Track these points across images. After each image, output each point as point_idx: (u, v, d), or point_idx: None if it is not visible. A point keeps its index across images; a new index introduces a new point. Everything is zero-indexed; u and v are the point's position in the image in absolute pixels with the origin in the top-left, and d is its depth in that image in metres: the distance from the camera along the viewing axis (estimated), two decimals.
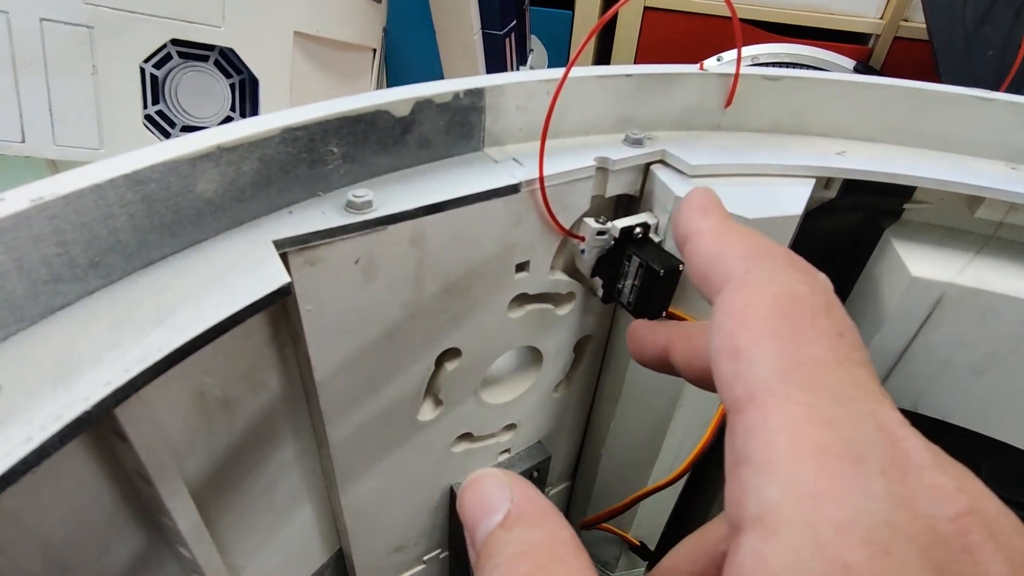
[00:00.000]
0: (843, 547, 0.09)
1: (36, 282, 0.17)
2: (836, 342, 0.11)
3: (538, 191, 0.26)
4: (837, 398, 0.10)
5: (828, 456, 0.10)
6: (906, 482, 0.09)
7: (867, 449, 0.10)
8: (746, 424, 0.11)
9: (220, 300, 0.18)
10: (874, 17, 1.09)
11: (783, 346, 0.11)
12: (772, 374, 0.11)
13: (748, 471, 0.10)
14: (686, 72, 0.31)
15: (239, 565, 0.28)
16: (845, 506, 0.09)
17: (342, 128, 0.23)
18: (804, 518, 0.09)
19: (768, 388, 0.11)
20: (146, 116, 0.61)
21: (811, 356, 0.11)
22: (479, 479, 0.13)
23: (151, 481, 0.20)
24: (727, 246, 0.13)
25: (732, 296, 0.12)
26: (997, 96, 0.31)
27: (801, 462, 0.10)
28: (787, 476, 0.10)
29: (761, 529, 0.10)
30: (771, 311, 0.11)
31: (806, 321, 0.11)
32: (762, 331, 0.11)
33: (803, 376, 0.11)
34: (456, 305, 0.27)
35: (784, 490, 0.10)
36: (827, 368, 0.11)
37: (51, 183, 0.17)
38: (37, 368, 0.16)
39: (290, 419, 0.27)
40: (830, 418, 0.10)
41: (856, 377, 0.11)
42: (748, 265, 0.13)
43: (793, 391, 0.10)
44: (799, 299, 0.12)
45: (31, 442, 0.14)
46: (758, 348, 0.11)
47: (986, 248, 0.32)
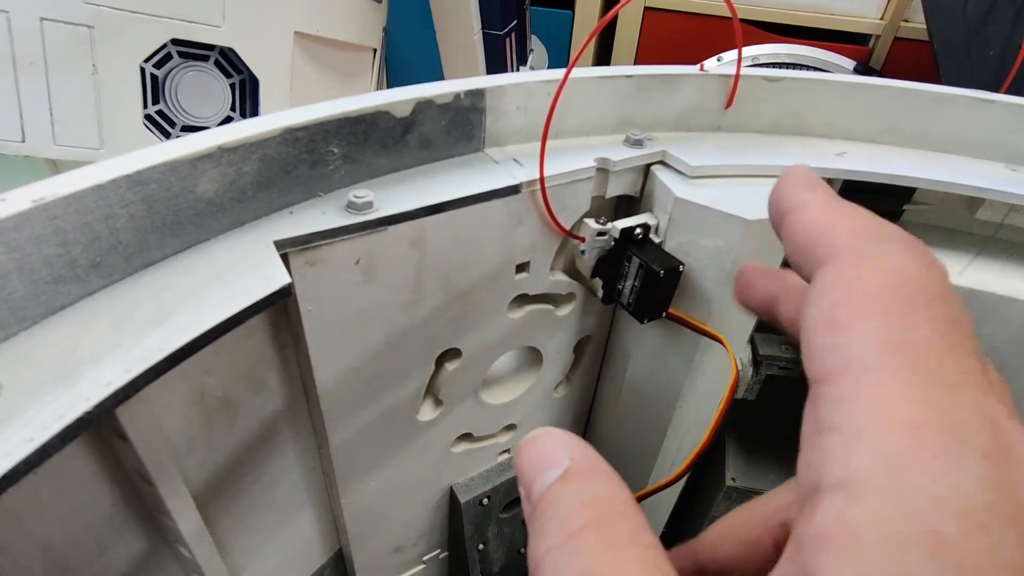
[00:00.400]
0: (937, 518, 0.08)
1: (37, 282, 0.17)
2: (950, 328, 0.11)
3: (538, 192, 0.26)
4: (943, 381, 0.10)
5: (927, 432, 0.09)
6: (1008, 468, 0.09)
7: (969, 432, 0.09)
8: (836, 394, 0.10)
9: (221, 300, 0.18)
10: (874, 18, 1.09)
11: (891, 323, 0.10)
12: (874, 350, 0.10)
13: (833, 438, 0.10)
14: (686, 73, 0.31)
15: (239, 565, 0.28)
16: (941, 481, 0.09)
17: (343, 128, 0.23)
18: (895, 485, 0.09)
19: (867, 362, 0.10)
20: (146, 116, 0.61)
21: (921, 337, 0.10)
22: (538, 436, 0.13)
23: (151, 481, 0.20)
24: (838, 220, 0.13)
25: (840, 269, 0.12)
26: (997, 97, 0.31)
27: (896, 434, 0.09)
28: (879, 445, 0.09)
29: (846, 492, 0.09)
30: (883, 287, 0.11)
31: (920, 303, 0.11)
32: (869, 306, 0.11)
33: (909, 356, 0.10)
34: (456, 306, 0.27)
35: (875, 458, 0.09)
36: (936, 352, 0.10)
37: (52, 183, 0.17)
38: (38, 368, 0.16)
39: (290, 419, 0.27)
40: (933, 398, 0.10)
41: (966, 365, 0.10)
42: (861, 241, 0.12)
43: (896, 368, 0.10)
44: (915, 280, 0.11)
45: (32, 442, 0.14)
46: (862, 322, 0.11)
47: (986, 249, 0.32)
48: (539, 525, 0.12)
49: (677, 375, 0.32)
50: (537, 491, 0.12)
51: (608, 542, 0.11)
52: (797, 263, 0.13)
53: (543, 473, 0.12)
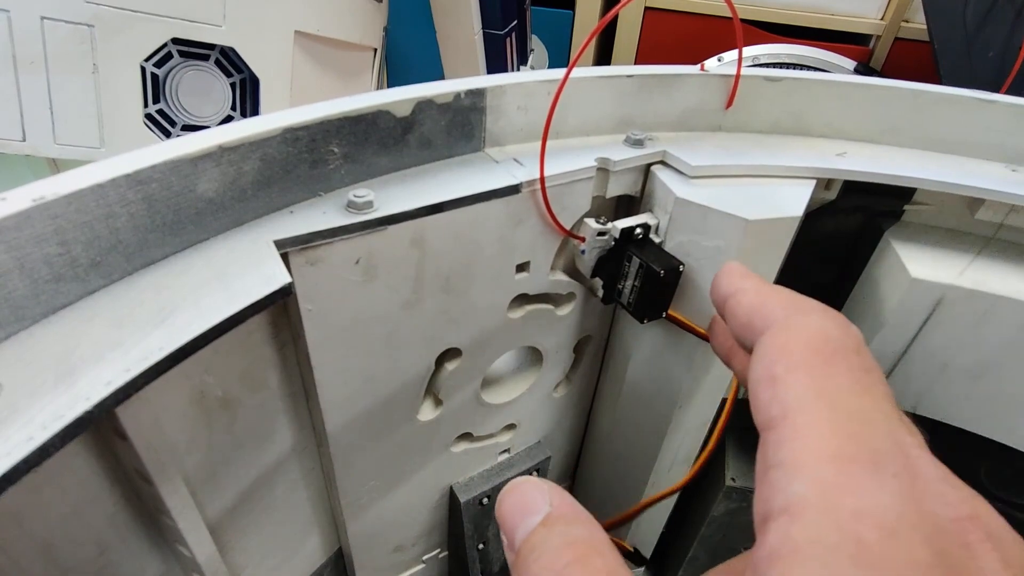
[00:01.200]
0: (859, 528, 0.10)
1: (37, 281, 0.17)
2: (864, 376, 0.13)
3: (539, 192, 0.26)
4: (860, 419, 0.12)
5: (848, 461, 0.11)
6: (915, 486, 0.11)
7: (883, 458, 0.11)
8: (778, 437, 0.12)
9: (221, 300, 0.18)
10: (875, 18, 1.09)
11: (816, 374, 0.13)
12: (804, 397, 0.12)
13: (777, 473, 0.12)
14: (687, 73, 0.31)
15: (239, 564, 0.28)
16: (861, 498, 0.11)
17: (343, 128, 0.23)
18: (825, 505, 0.11)
19: (799, 407, 0.12)
20: (147, 115, 0.61)
21: (840, 385, 0.13)
22: (518, 485, 0.15)
23: (151, 480, 0.20)
24: (769, 299, 0.16)
25: (774, 336, 0.14)
26: (997, 98, 0.31)
27: (825, 464, 0.11)
28: (812, 474, 0.11)
29: (788, 515, 0.11)
30: (808, 347, 0.13)
31: (839, 357, 0.13)
32: (798, 362, 0.13)
33: (831, 399, 0.12)
34: (456, 305, 0.27)
35: (809, 485, 0.11)
36: (854, 395, 0.12)
37: (53, 182, 0.17)
38: (38, 367, 0.16)
39: (290, 418, 0.27)
40: (852, 432, 0.12)
41: (879, 406, 0.12)
42: (788, 312, 0.15)
43: (821, 410, 0.12)
44: (833, 340, 0.13)
45: (32, 441, 0.14)
46: (794, 375, 0.13)
47: (986, 250, 0.32)
48: (523, 567, 0.13)
49: (677, 375, 0.32)
50: (520, 536, 0.14)
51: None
52: (740, 337, 0.16)
53: (525, 519, 0.14)
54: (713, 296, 0.18)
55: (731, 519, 0.44)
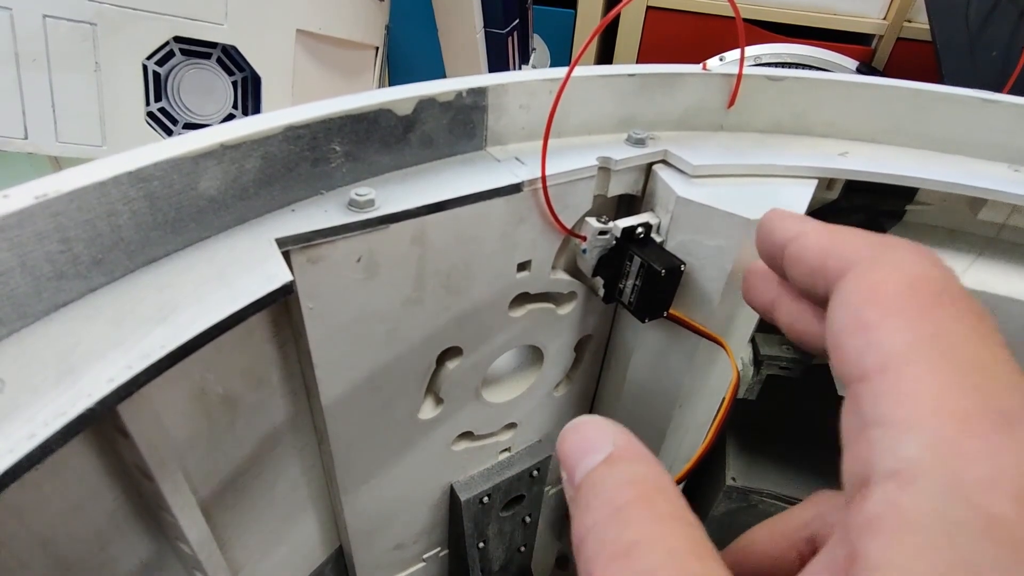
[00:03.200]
0: (990, 500, 0.09)
1: (39, 279, 0.17)
2: (977, 320, 0.11)
3: (540, 190, 0.26)
4: (982, 370, 0.10)
5: (975, 419, 0.09)
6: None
7: (1014, 415, 0.09)
8: (878, 390, 0.10)
9: (223, 298, 0.18)
10: (877, 18, 1.09)
11: (922, 318, 0.11)
12: (910, 344, 0.10)
13: (881, 431, 0.10)
14: (689, 72, 0.31)
15: (240, 561, 0.28)
16: (993, 465, 0.09)
17: (345, 126, 0.23)
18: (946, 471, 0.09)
19: (906, 356, 0.10)
20: (148, 113, 0.61)
21: (952, 330, 0.10)
22: (580, 423, 0.13)
23: (152, 477, 0.20)
24: (843, 238, 0.13)
25: (860, 277, 0.12)
26: (1000, 98, 0.31)
27: (945, 423, 0.09)
28: (929, 435, 0.09)
29: (896, 481, 0.09)
30: (906, 288, 0.11)
31: (946, 299, 0.11)
32: (897, 305, 0.11)
33: (945, 348, 0.10)
34: (457, 304, 0.27)
35: (925, 447, 0.09)
36: (971, 343, 0.10)
37: (55, 180, 0.17)
38: (40, 364, 0.16)
39: (291, 416, 0.27)
40: (976, 386, 0.10)
41: (999, 354, 0.11)
42: (875, 250, 0.12)
43: (935, 360, 0.10)
44: (935, 280, 0.11)
45: (34, 438, 0.14)
46: (893, 321, 0.11)
47: (988, 250, 0.32)
48: (583, 503, 0.12)
49: (678, 375, 0.32)
50: (581, 473, 0.13)
51: (655, 516, 0.11)
52: (809, 285, 0.14)
53: (587, 457, 0.13)
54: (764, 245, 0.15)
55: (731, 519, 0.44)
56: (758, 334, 0.37)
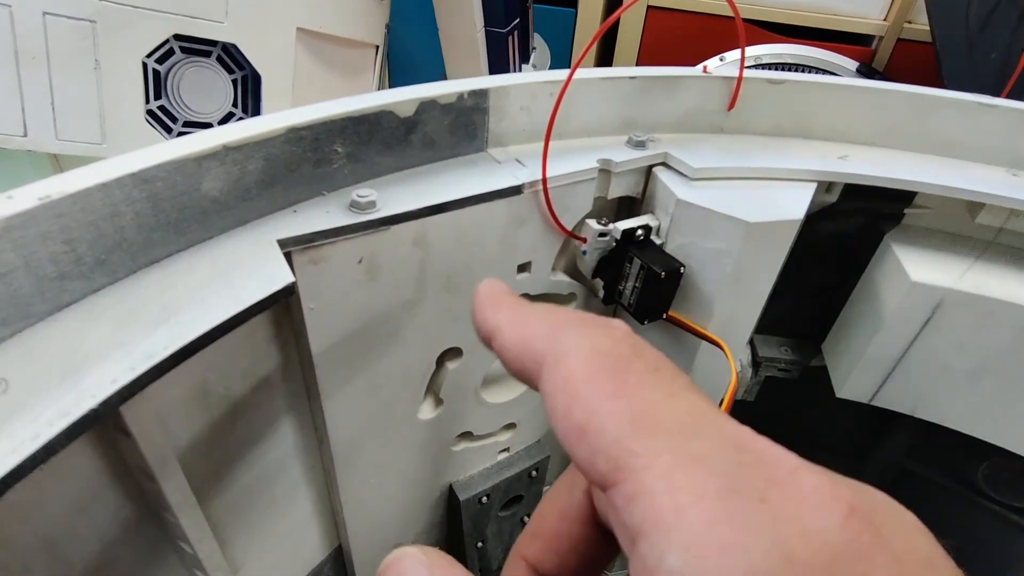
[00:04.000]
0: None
1: (43, 279, 0.17)
2: (659, 377, 0.12)
3: (541, 192, 0.26)
4: (687, 430, 0.11)
5: (709, 500, 0.10)
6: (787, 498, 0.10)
7: (740, 477, 0.10)
8: (624, 495, 0.11)
9: (225, 299, 0.18)
10: (878, 19, 1.09)
11: (619, 401, 0.11)
12: (623, 434, 0.11)
13: (645, 545, 0.10)
14: (689, 75, 0.31)
15: (240, 560, 0.28)
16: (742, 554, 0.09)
17: (347, 128, 0.23)
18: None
19: (627, 449, 0.11)
20: (148, 111, 0.61)
21: (644, 400, 0.11)
22: (397, 560, 0.14)
23: (154, 477, 0.20)
24: (527, 334, 0.14)
25: (549, 378, 0.13)
26: (999, 102, 0.31)
27: (687, 516, 0.10)
28: (680, 537, 0.10)
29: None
30: (591, 374, 0.12)
31: (624, 369, 0.12)
32: (592, 397, 0.11)
33: (650, 421, 0.11)
34: (458, 305, 0.27)
35: (682, 554, 0.10)
36: (666, 404, 0.11)
37: (58, 181, 0.17)
38: (44, 365, 0.16)
39: (291, 416, 0.27)
40: (693, 454, 0.10)
41: (692, 404, 0.11)
42: (550, 343, 0.13)
43: (650, 440, 0.11)
44: (607, 352, 0.12)
45: (38, 439, 0.14)
46: (598, 414, 0.11)
47: (986, 254, 0.32)
48: None
49: None
50: None
51: None
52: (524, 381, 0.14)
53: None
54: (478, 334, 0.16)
55: None
56: (757, 336, 0.37)
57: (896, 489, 0.48)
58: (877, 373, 0.34)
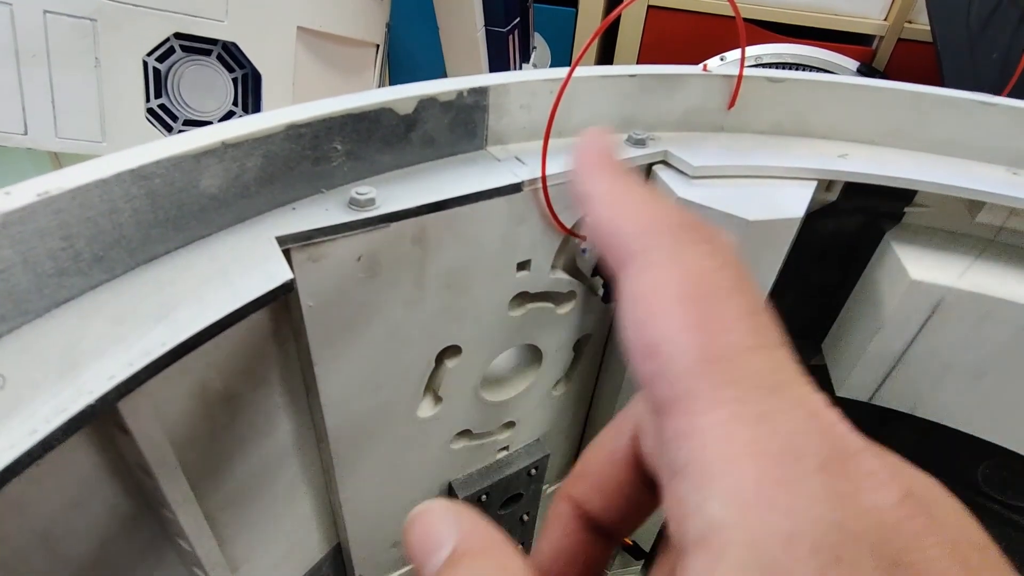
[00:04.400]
0: (793, 562, 0.09)
1: (41, 275, 0.17)
2: (753, 323, 0.11)
3: (540, 190, 0.26)
4: (764, 387, 0.10)
5: (766, 458, 0.09)
6: (846, 474, 0.09)
7: (803, 442, 0.10)
8: (675, 429, 0.10)
9: (223, 295, 0.18)
10: (878, 18, 1.09)
11: (699, 336, 0.10)
12: (693, 370, 0.10)
13: (685, 485, 0.10)
14: (689, 73, 0.31)
15: (238, 558, 0.28)
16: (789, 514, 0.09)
17: (346, 125, 0.23)
18: (750, 535, 0.09)
19: (691, 388, 0.10)
20: (148, 110, 0.61)
21: (729, 344, 0.10)
22: (422, 513, 0.13)
23: (152, 474, 0.20)
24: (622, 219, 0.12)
25: (634, 281, 0.12)
26: (999, 101, 0.31)
27: (739, 468, 0.09)
28: (726, 487, 0.09)
29: (707, 552, 0.09)
30: (679, 296, 0.11)
31: (719, 303, 0.11)
32: (674, 318, 0.11)
33: (725, 367, 0.10)
34: (457, 303, 0.27)
35: (725, 504, 0.09)
36: (748, 355, 0.10)
37: (57, 177, 0.17)
38: (42, 361, 0.16)
39: (290, 413, 0.27)
40: (761, 412, 0.10)
41: (777, 361, 0.10)
42: (645, 242, 0.12)
43: (718, 387, 0.10)
44: (707, 277, 0.11)
45: (35, 434, 0.14)
46: (674, 340, 0.11)
47: (986, 252, 0.32)
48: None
49: None
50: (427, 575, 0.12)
51: None
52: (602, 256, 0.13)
53: (431, 555, 0.12)
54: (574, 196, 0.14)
55: None
56: None
57: None
58: (877, 372, 0.34)
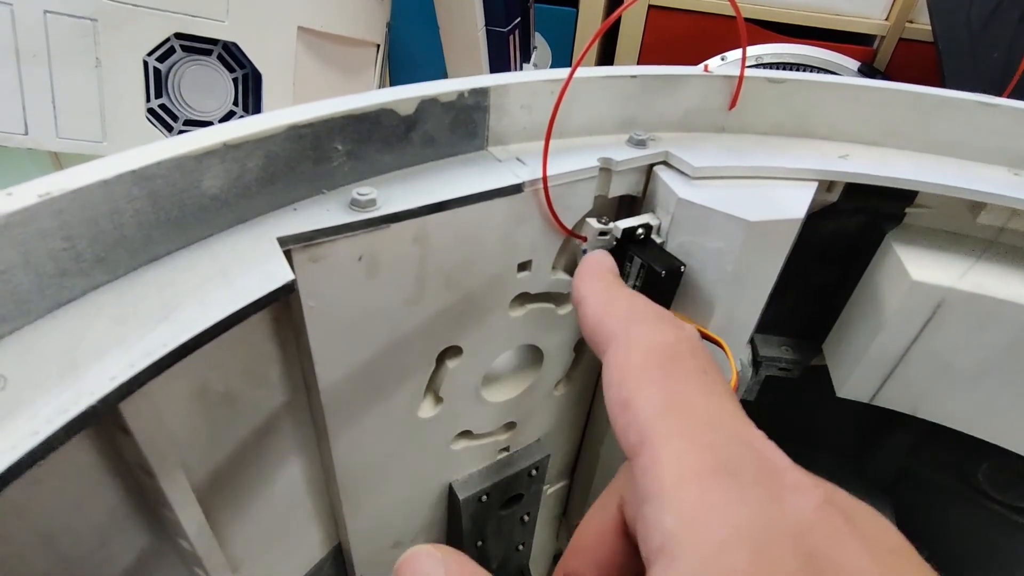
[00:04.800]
0: (728, 558, 0.10)
1: (42, 276, 0.17)
2: (702, 379, 0.13)
3: (541, 191, 0.26)
4: (709, 424, 0.12)
5: (707, 477, 0.11)
6: (774, 484, 0.11)
7: (739, 463, 0.11)
8: (643, 465, 0.12)
9: (224, 296, 0.18)
10: (879, 18, 1.09)
11: (660, 389, 0.13)
12: (655, 415, 0.12)
13: (648, 507, 0.12)
14: (690, 74, 0.31)
15: (239, 558, 0.28)
16: (725, 521, 0.11)
17: (347, 126, 0.23)
18: (694, 541, 0.10)
19: (654, 428, 0.12)
20: (149, 110, 0.61)
21: (682, 393, 0.13)
22: (412, 556, 0.15)
23: (153, 474, 0.20)
24: (608, 312, 0.16)
25: (613, 355, 0.14)
26: (1000, 102, 0.31)
27: (686, 487, 0.11)
28: (677, 503, 0.11)
29: (663, 559, 0.11)
30: (645, 362, 0.14)
31: (676, 365, 0.13)
32: (642, 380, 0.13)
33: (679, 411, 0.12)
34: (458, 303, 0.27)
35: (676, 517, 0.11)
36: (698, 400, 0.13)
37: (58, 178, 0.17)
38: (43, 362, 0.16)
39: (291, 414, 0.27)
40: (706, 443, 0.12)
41: (722, 405, 0.13)
42: (624, 326, 0.15)
43: (673, 425, 0.12)
44: (667, 348, 0.14)
45: (37, 435, 0.14)
46: (640, 396, 0.13)
47: (987, 254, 0.32)
48: None
49: None
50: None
51: None
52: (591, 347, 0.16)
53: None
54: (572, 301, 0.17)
55: None
56: (757, 335, 0.37)
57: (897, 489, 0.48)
58: (878, 372, 0.34)
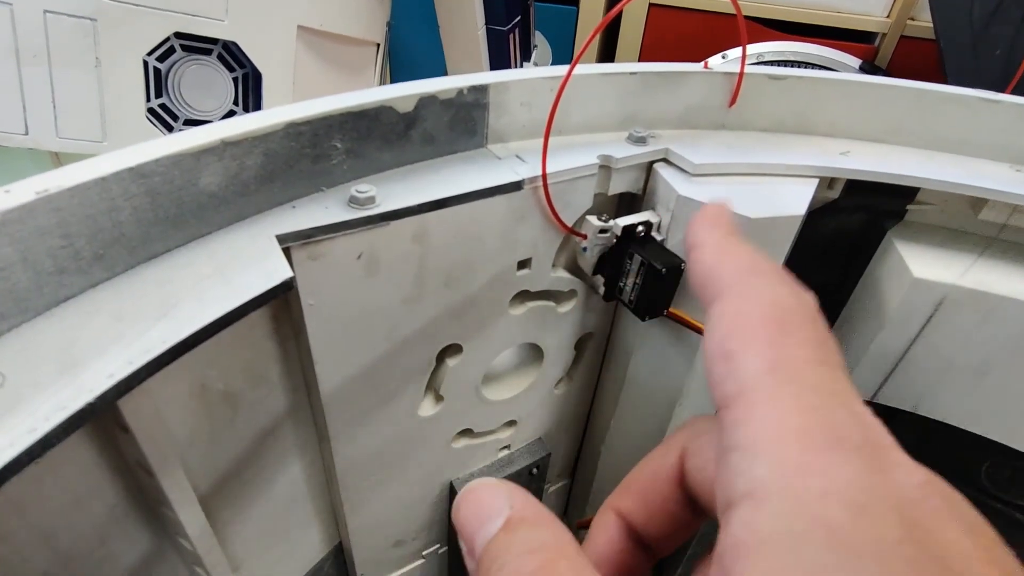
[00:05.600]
0: (826, 509, 0.10)
1: (41, 274, 0.17)
2: (818, 347, 0.13)
3: (541, 188, 0.26)
4: (818, 391, 0.12)
5: (810, 438, 0.11)
6: (878, 457, 0.11)
7: (845, 431, 0.11)
8: (735, 417, 0.12)
9: (223, 294, 0.18)
10: (881, 16, 1.09)
11: (771, 348, 0.12)
12: (760, 372, 0.12)
13: (737, 456, 0.11)
14: (690, 70, 0.31)
15: (239, 557, 0.28)
16: (826, 476, 0.10)
17: (346, 123, 0.23)
18: (790, 488, 0.10)
19: (756, 384, 0.12)
20: (149, 109, 0.61)
21: (795, 357, 0.12)
22: (475, 488, 0.14)
23: (153, 473, 0.20)
24: (725, 260, 0.15)
25: (726, 305, 0.14)
26: (1002, 98, 0.31)
27: (786, 444, 0.11)
28: (773, 455, 0.11)
29: (751, 502, 0.11)
30: (761, 318, 0.13)
31: (793, 328, 0.13)
32: (752, 335, 0.13)
33: (788, 373, 0.12)
34: (458, 301, 0.27)
35: (771, 468, 0.11)
36: (810, 367, 0.12)
37: (56, 176, 0.17)
38: (41, 359, 0.16)
39: (291, 412, 0.27)
40: (812, 407, 0.11)
41: (835, 376, 0.12)
42: (742, 277, 0.14)
43: (779, 385, 0.12)
44: (787, 309, 0.13)
45: (35, 432, 0.14)
46: (748, 350, 0.12)
47: (989, 250, 0.31)
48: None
49: (678, 373, 0.32)
50: (480, 544, 0.13)
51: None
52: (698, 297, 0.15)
53: (484, 525, 0.13)
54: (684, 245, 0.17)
55: None
56: None
57: None
58: (879, 370, 0.34)
